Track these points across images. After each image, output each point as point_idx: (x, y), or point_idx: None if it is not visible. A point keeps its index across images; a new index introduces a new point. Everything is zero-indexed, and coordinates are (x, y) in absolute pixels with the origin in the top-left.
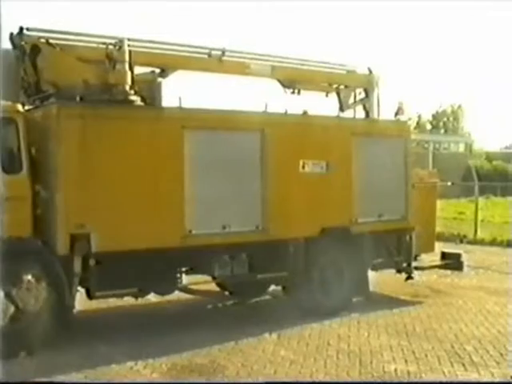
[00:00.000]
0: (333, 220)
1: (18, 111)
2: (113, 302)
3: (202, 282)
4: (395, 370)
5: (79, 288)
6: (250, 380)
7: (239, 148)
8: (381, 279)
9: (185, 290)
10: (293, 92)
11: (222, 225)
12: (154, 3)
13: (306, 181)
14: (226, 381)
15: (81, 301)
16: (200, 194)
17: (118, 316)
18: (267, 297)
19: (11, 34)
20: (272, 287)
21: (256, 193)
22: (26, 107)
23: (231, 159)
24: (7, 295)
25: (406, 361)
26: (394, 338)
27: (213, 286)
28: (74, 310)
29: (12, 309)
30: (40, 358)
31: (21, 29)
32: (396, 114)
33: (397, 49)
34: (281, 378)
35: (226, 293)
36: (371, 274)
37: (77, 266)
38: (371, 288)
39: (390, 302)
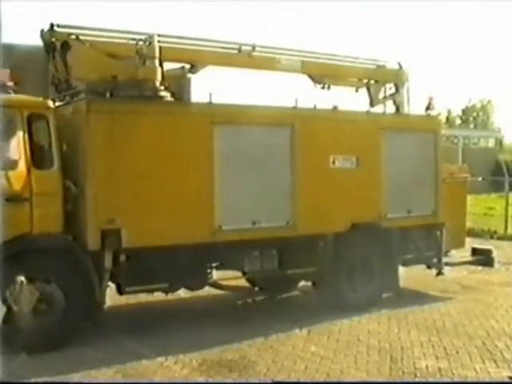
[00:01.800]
0: (362, 215)
1: (48, 107)
2: (143, 297)
3: (231, 277)
4: (426, 366)
5: (109, 283)
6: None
7: (269, 143)
8: (411, 275)
9: (215, 285)
10: (323, 87)
11: (252, 220)
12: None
13: (336, 176)
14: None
15: (111, 296)
16: (230, 190)
17: (147, 311)
18: (297, 292)
19: (42, 31)
20: (301, 283)
21: (286, 188)
22: (57, 103)
23: (261, 154)
24: (37, 291)
25: (436, 357)
26: (425, 334)
27: (242, 282)
28: (105, 306)
29: (43, 304)
30: (70, 354)
31: (51, 25)
32: (427, 108)
33: (427, 43)
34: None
35: (256, 288)
36: (401, 269)
37: (107, 261)
38: (401, 284)
39: (420, 297)
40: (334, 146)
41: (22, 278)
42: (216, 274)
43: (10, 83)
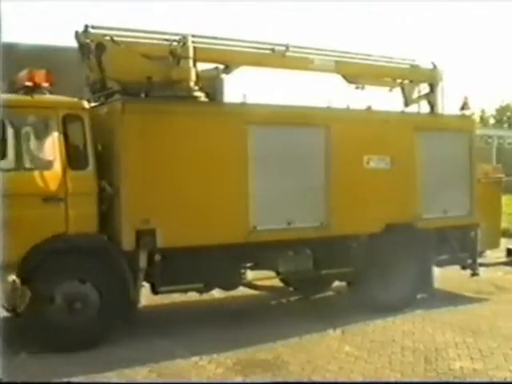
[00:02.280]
0: (397, 216)
1: (84, 108)
2: (177, 297)
3: (265, 277)
4: (461, 367)
5: (144, 283)
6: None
7: (303, 143)
8: (445, 276)
9: (249, 285)
10: (356, 87)
11: (287, 221)
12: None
13: (371, 176)
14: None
15: (145, 296)
16: (264, 190)
17: (181, 311)
18: (331, 293)
19: (76, 32)
20: (335, 283)
21: (320, 189)
22: (92, 104)
23: (295, 155)
24: (72, 290)
25: (471, 358)
26: (459, 335)
27: (276, 282)
28: (139, 305)
29: (78, 304)
30: (104, 353)
31: (86, 27)
32: (461, 108)
33: (460, 43)
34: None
35: (290, 288)
36: (435, 270)
37: (142, 261)
38: (435, 284)
39: (455, 298)
40: (369, 147)
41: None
42: (250, 274)
43: (46, 84)
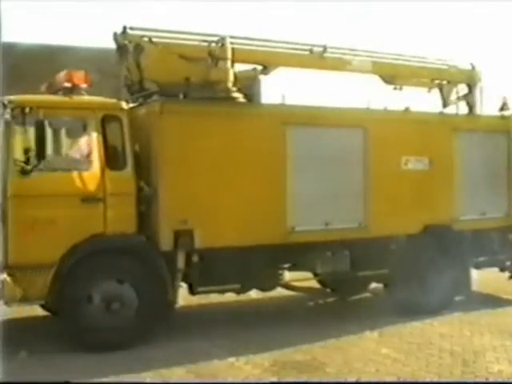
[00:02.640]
0: (435, 217)
1: (122, 109)
2: (214, 297)
3: (303, 278)
4: (499, 371)
5: (181, 283)
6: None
7: (341, 144)
8: (483, 278)
9: (286, 286)
10: (394, 88)
11: (325, 222)
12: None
13: (409, 178)
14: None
15: (183, 296)
16: (302, 191)
17: (218, 312)
18: (368, 294)
19: (115, 34)
20: (373, 284)
21: (358, 190)
22: (130, 105)
23: (333, 156)
24: (110, 290)
25: (509, 362)
26: (497, 337)
27: (314, 283)
28: (177, 306)
29: (116, 304)
30: (142, 352)
31: (124, 28)
32: (500, 109)
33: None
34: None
35: (327, 290)
36: (473, 272)
37: (180, 261)
38: (473, 287)
39: (493, 301)
40: (407, 148)
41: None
42: (288, 275)
43: (84, 85)
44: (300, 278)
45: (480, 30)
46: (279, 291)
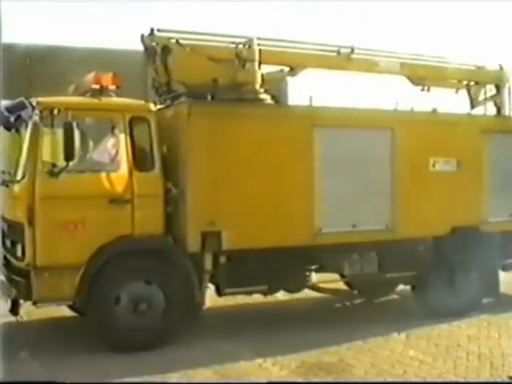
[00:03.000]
0: (463, 219)
1: (150, 110)
2: (240, 298)
3: (330, 280)
4: None
5: (208, 285)
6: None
7: (369, 146)
8: (511, 280)
9: (314, 288)
10: (422, 89)
11: (352, 223)
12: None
13: (437, 179)
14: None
15: (209, 297)
16: (330, 193)
17: (245, 313)
18: (395, 296)
19: (142, 36)
20: (400, 286)
21: (386, 191)
22: (158, 106)
23: (361, 157)
24: (137, 291)
25: None
26: None
27: (341, 285)
28: (203, 307)
29: (143, 305)
30: (169, 353)
31: (151, 30)
32: None
33: None
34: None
35: (354, 291)
36: (501, 274)
37: (207, 263)
38: (501, 289)
39: None
40: (434, 149)
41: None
42: (315, 277)
43: (112, 86)
44: (327, 280)
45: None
46: (306, 292)
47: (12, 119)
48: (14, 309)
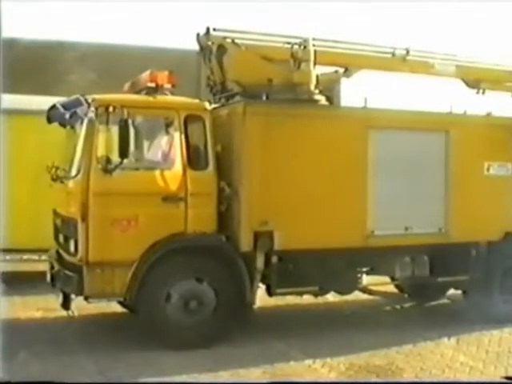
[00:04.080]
0: None
1: (205, 109)
2: (290, 299)
3: (381, 282)
4: None
5: (259, 284)
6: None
7: (423, 149)
8: None
9: (364, 290)
10: (477, 92)
11: (405, 226)
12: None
13: (491, 183)
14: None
15: (260, 297)
16: (383, 195)
17: (295, 313)
18: (445, 300)
19: (198, 35)
20: (450, 291)
21: (439, 195)
22: (213, 105)
23: (414, 160)
24: (188, 289)
25: None
26: None
27: (390, 288)
28: (254, 306)
29: (194, 302)
30: (219, 352)
31: (207, 29)
32: None
33: None
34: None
35: (405, 295)
36: None
37: (259, 262)
38: None
39: None
40: (489, 153)
41: None
42: (366, 279)
43: (168, 85)
44: (377, 282)
45: None
46: (355, 294)
47: (67, 116)
48: (66, 303)
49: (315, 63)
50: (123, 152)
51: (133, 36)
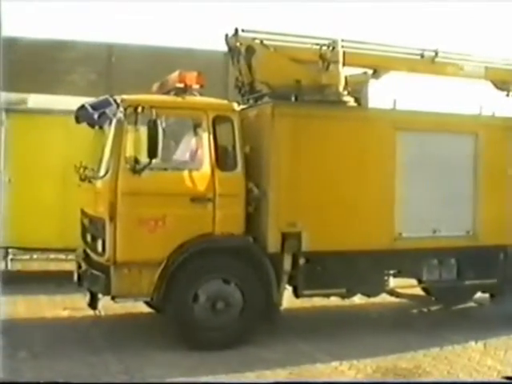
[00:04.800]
0: None
1: (233, 110)
2: (317, 301)
3: (408, 285)
4: None
5: (286, 286)
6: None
7: (451, 151)
8: None
9: (391, 292)
10: (507, 94)
11: (432, 228)
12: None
13: None
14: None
15: (286, 298)
16: (411, 197)
17: (322, 315)
18: (472, 304)
19: (226, 36)
20: (478, 294)
21: (467, 197)
22: (241, 106)
23: (443, 162)
24: (216, 289)
25: None
26: None
27: (417, 290)
28: (281, 308)
29: (221, 303)
30: (246, 353)
31: (236, 30)
32: None
33: None
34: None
35: (432, 298)
36: None
37: (287, 264)
38: None
39: None
40: None
41: None
42: (393, 282)
43: (196, 86)
44: (404, 285)
45: None
46: (382, 297)
47: (96, 116)
48: (93, 303)
49: (344, 64)
50: (152, 152)
51: (161, 37)
